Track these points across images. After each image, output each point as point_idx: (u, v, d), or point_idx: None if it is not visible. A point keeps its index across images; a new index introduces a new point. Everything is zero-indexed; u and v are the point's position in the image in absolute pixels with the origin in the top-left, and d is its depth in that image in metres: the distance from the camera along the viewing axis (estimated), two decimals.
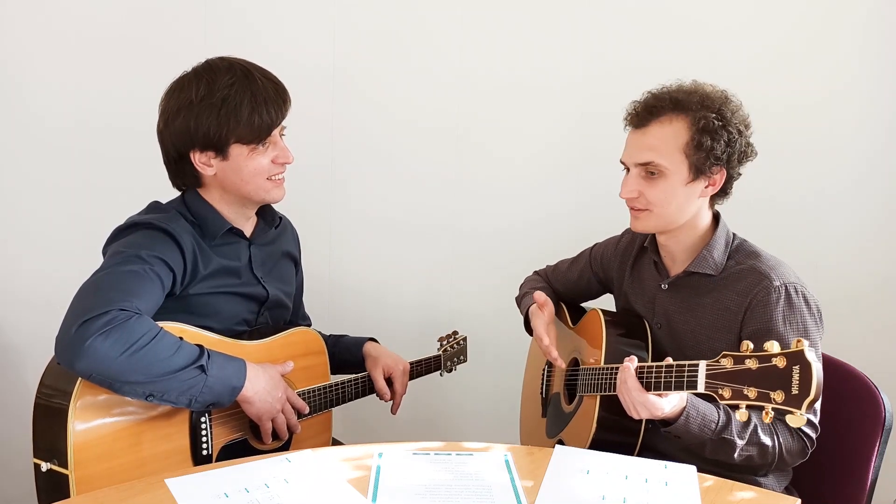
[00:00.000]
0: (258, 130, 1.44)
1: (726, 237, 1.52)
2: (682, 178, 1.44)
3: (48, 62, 2.21)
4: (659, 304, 1.58)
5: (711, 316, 1.48)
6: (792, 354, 1.09)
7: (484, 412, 2.51)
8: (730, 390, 1.16)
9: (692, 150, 1.42)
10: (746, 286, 1.44)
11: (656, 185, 1.45)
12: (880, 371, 1.64)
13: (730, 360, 1.17)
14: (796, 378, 1.07)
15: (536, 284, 1.88)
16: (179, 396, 1.30)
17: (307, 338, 1.63)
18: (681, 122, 1.42)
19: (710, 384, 1.20)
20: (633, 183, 1.47)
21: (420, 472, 1.27)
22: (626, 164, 1.50)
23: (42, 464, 1.28)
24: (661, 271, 1.59)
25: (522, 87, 2.31)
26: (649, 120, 1.45)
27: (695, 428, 1.35)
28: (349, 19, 2.29)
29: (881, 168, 2.24)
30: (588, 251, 1.84)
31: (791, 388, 1.08)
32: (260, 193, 1.51)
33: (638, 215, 1.50)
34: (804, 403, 1.06)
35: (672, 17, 2.22)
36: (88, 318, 1.22)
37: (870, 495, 1.49)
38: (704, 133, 1.41)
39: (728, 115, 1.42)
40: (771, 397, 1.10)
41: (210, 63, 1.47)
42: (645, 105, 1.47)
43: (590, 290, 1.85)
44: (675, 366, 1.28)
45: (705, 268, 1.49)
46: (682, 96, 1.43)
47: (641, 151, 1.45)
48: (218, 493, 1.16)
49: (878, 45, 2.18)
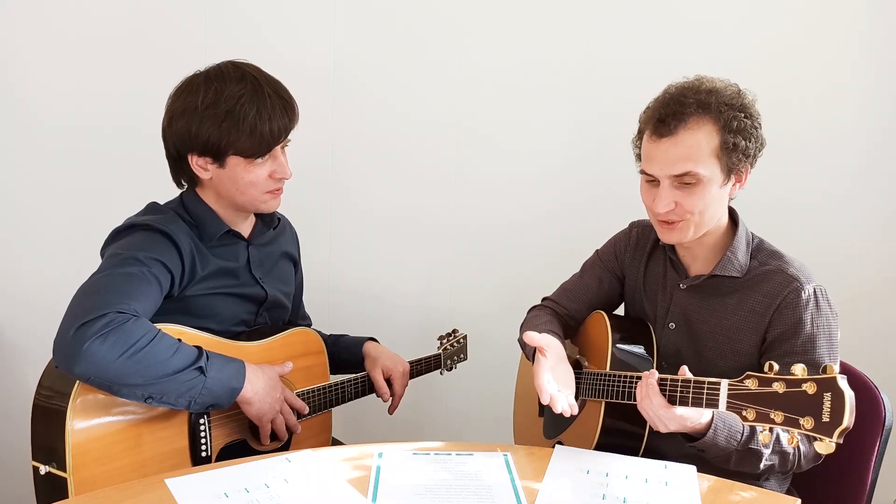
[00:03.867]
0: (258, 146, 1.43)
1: (747, 236, 1.48)
2: (718, 182, 1.37)
3: (48, 63, 2.21)
4: (676, 304, 1.53)
5: (735, 317, 1.45)
6: (823, 381, 1.06)
7: (484, 412, 2.51)
8: (754, 412, 1.13)
9: (724, 153, 1.35)
10: (774, 288, 1.41)
11: (693, 193, 1.37)
12: (880, 371, 1.64)
13: (755, 381, 1.13)
14: (827, 406, 1.05)
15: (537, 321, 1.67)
16: (179, 398, 1.30)
17: (306, 338, 1.63)
18: (709, 124, 1.35)
19: (733, 404, 1.16)
20: (668, 195, 1.37)
21: (420, 472, 1.27)
22: (656, 176, 1.39)
23: (41, 467, 1.28)
24: (679, 270, 1.54)
25: (522, 85, 2.31)
26: (678, 127, 1.35)
27: (722, 440, 1.31)
28: (350, 18, 2.29)
29: (881, 168, 2.24)
30: (595, 257, 1.74)
31: (822, 416, 1.05)
32: (254, 203, 1.50)
33: (672, 227, 1.41)
34: (836, 432, 1.03)
35: (672, 15, 2.22)
36: (86, 321, 1.22)
37: (870, 495, 1.49)
38: (736, 133, 1.35)
39: (752, 111, 1.38)
40: (800, 423, 1.07)
41: (222, 69, 1.45)
42: (670, 111, 1.36)
43: (612, 295, 1.72)
44: (693, 381, 1.24)
45: (730, 270, 1.45)
46: (703, 97, 1.35)
47: (676, 162, 1.35)
48: (218, 493, 1.16)
49: (878, 44, 2.18)
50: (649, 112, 1.42)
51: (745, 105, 1.38)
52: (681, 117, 1.35)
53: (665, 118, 1.36)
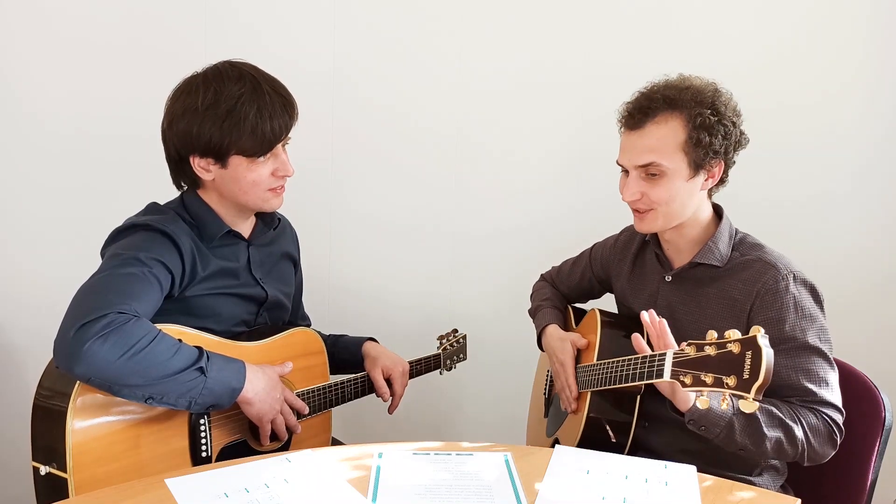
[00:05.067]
0: (260, 144, 1.43)
1: (730, 230, 1.53)
2: (684, 176, 1.44)
3: (47, 65, 2.20)
4: (662, 296, 1.58)
5: (716, 306, 1.49)
6: (746, 340, 1.10)
7: (484, 412, 2.51)
8: (690, 377, 1.17)
9: (690, 147, 1.42)
10: (753, 275, 1.44)
11: (658, 184, 1.45)
12: (880, 371, 1.64)
13: (693, 347, 1.19)
14: (748, 363, 1.08)
15: (547, 294, 1.90)
16: (179, 398, 1.30)
17: (306, 338, 1.63)
18: (676, 120, 1.42)
19: (675, 371, 1.21)
20: (634, 185, 1.47)
21: (420, 472, 1.27)
22: (625, 166, 1.50)
23: (41, 467, 1.28)
24: (663, 264, 1.59)
25: (522, 89, 2.31)
26: (644, 121, 1.44)
27: (715, 405, 1.32)
28: (349, 21, 2.29)
29: (881, 168, 2.24)
30: (588, 251, 1.86)
31: (743, 373, 1.08)
32: (257, 203, 1.50)
33: (642, 217, 1.50)
34: (753, 388, 1.06)
35: (671, 19, 2.22)
36: (87, 322, 1.22)
37: (870, 495, 1.49)
38: (701, 129, 1.41)
39: (722, 109, 1.43)
40: (724, 382, 1.11)
41: (220, 69, 1.45)
42: (638, 106, 1.46)
43: (592, 290, 1.87)
44: (643, 357, 1.31)
45: (711, 259, 1.49)
46: (673, 93, 1.43)
47: (640, 153, 1.45)
48: (218, 493, 1.16)
49: (878, 45, 2.18)
50: (624, 106, 1.51)
51: (716, 103, 1.43)
52: (649, 112, 1.44)
53: (634, 112, 1.46)
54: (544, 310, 1.83)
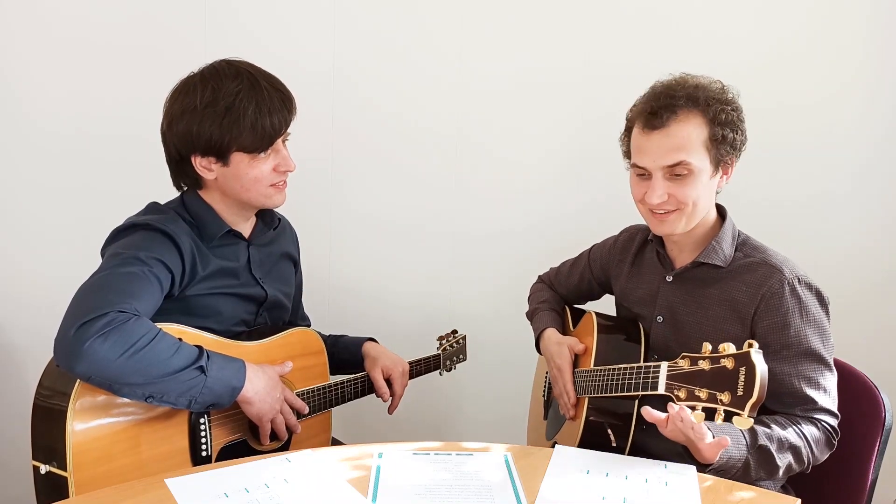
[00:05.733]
0: (260, 140, 1.44)
1: (733, 230, 1.52)
2: (708, 173, 1.42)
3: (47, 65, 2.20)
4: (662, 297, 1.56)
5: (718, 307, 1.47)
6: (740, 356, 1.09)
7: (484, 412, 2.51)
8: (685, 391, 1.16)
9: (713, 144, 1.40)
10: (758, 278, 1.43)
11: (685, 184, 1.40)
12: (880, 371, 1.64)
13: (687, 360, 1.17)
14: (742, 380, 1.07)
15: (544, 296, 1.88)
16: (179, 397, 1.30)
17: (306, 338, 1.63)
18: (698, 117, 1.39)
19: (670, 385, 1.20)
20: (661, 186, 1.41)
21: (420, 472, 1.27)
22: (648, 168, 1.42)
23: (41, 466, 1.28)
24: (665, 264, 1.58)
25: (522, 89, 2.31)
26: (669, 119, 1.39)
27: (734, 450, 1.30)
28: (349, 21, 2.29)
29: (881, 168, 2.24)
30: (587, 253, 1.84)
31: (737, 390, 1.07)
32: (260, 199, 1.50)
33: (665, 218, 1.44)
34: (747, 405, 1.05)
35: (671, 19, 2.22)
36: (87, 321, 1.22)
37: (870, 495, 1.49)
38: (724, 126, 1.40)
39: (736, 104, 1.43)
40: (718, 398, 1.10)
41: (217, 68, 1.45)
42: (660, 104, 1.40)
43: (591, 292, 1.86)
44: (638, 368, 1.28)
45: (714, 259, 1.48)
46: (691, 91, 1.41)
47: (667, 153, 1.39)
48: (218, 493, 1.16)
49: (878, 45, 2.18)
50: (639, 106, 1.46)
51: (731, 99, 1.43)
52: (672, 109, 1.39)
53: (657, 111, 1.40)
54: (542, 313, 1.82)
